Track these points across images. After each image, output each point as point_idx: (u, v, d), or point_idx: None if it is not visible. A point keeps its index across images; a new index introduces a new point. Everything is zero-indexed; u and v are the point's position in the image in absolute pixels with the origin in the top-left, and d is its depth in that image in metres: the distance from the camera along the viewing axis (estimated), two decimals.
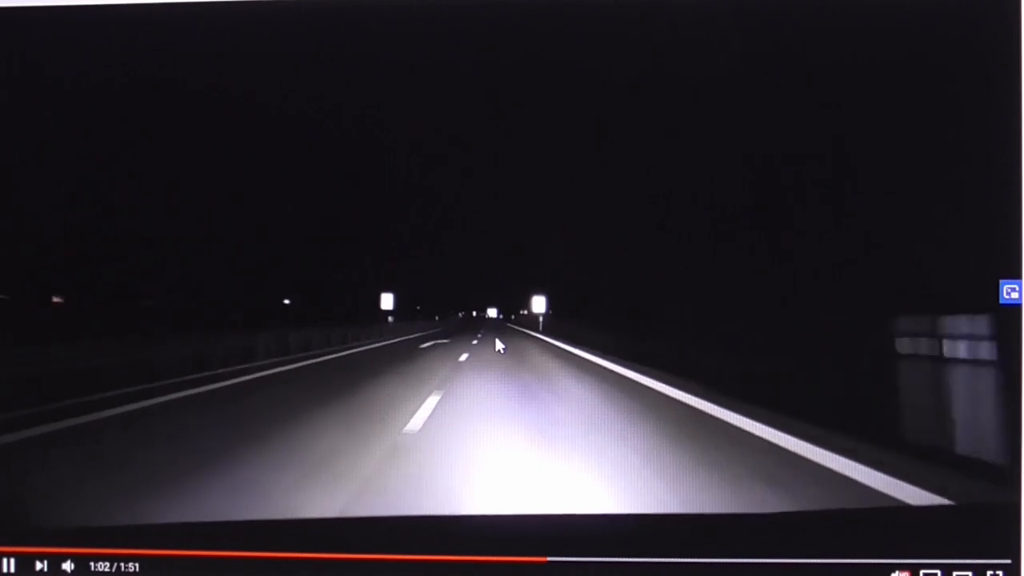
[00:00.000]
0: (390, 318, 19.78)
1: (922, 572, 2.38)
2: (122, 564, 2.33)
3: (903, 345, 4.88)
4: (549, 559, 2.41)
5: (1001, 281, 2.66)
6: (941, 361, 4.20)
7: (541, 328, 18.78)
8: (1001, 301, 2.66)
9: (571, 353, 13.33)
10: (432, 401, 6.26)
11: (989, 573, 2.40)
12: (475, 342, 15.26)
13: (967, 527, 2.61)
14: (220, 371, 9.24)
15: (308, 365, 10.94)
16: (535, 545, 2.45)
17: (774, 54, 4.91)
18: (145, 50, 3.61)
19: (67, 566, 2.35)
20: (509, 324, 29.98)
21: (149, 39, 3.31)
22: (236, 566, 2.35)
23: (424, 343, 15.71)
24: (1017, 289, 2.64)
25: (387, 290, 17.76)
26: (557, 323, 18.82)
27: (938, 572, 2.39)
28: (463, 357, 11.72)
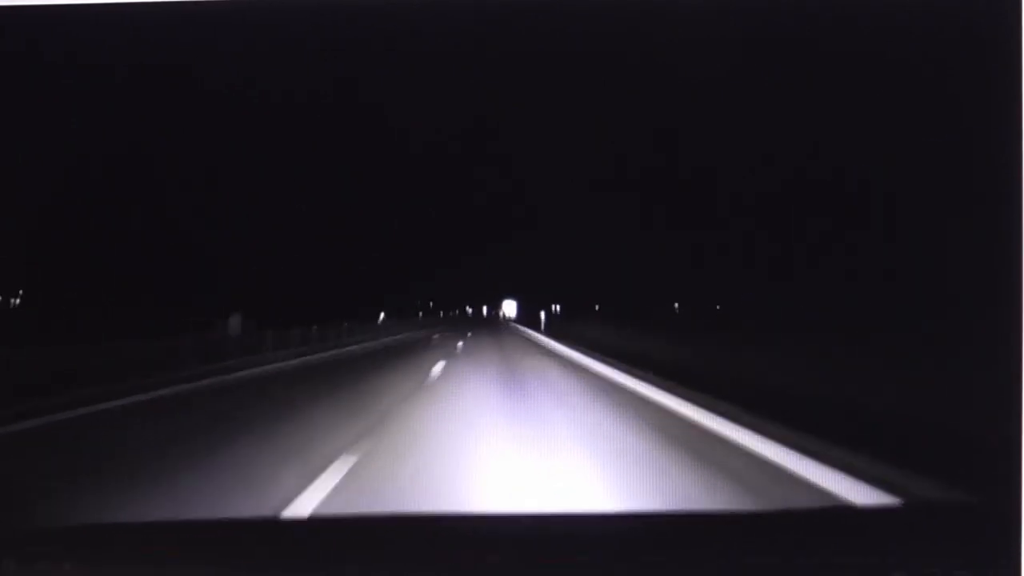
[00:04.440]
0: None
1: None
2: (122, 563, 2.33)
3: None
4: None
5: (999, 280, 2.65)
6: None
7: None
8: (1001, 300, 2.66)
9: None
10: None
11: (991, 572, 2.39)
12: None
13: (968, 527, 2.60)
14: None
15: None
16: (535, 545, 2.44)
17: (774, 54, 4.92)
18: (146, 49, 3.61)
19: (68, 566, 2.35)
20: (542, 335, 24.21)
21: (151, 38, 3.30)
22: (238, 564, 2.34)
23: None
24: (1016, 287, 2.64)
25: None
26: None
27: (937, 571, 2.38)
28: None
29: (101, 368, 8.40)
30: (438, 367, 11.66)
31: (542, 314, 27.99)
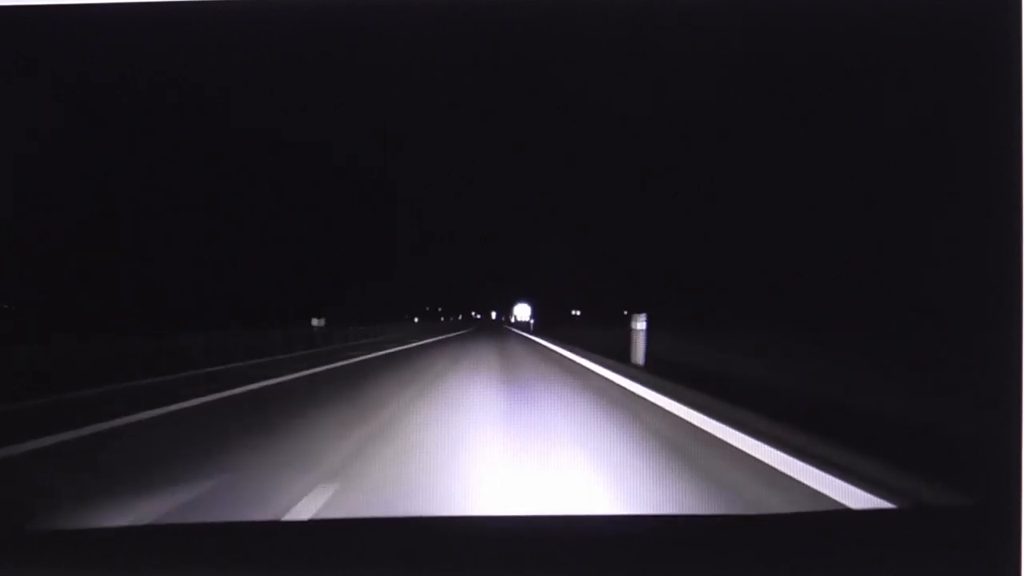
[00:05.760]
0: None
1: None
2: (120, 563, 2.32)
3: None
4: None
5: (999, 280, 2.65)
6: None
7: None
8: (1001, 300, 2.65)
9: None
10: None
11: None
12: None
13: (967, 529, 2.60)
14: None
15: None
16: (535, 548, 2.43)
17: (773, 54, 4.92)
18: (142, 53, 3.59)
19: (66, 566, 2.35)
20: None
21: (151, 41, 3.29)
22: (239, 567, 2.34)
23: None
24: (1016, 287, 2.63)
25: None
26: None
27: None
28: None
29: None
30: None
31: (640, 323, 11.00)
